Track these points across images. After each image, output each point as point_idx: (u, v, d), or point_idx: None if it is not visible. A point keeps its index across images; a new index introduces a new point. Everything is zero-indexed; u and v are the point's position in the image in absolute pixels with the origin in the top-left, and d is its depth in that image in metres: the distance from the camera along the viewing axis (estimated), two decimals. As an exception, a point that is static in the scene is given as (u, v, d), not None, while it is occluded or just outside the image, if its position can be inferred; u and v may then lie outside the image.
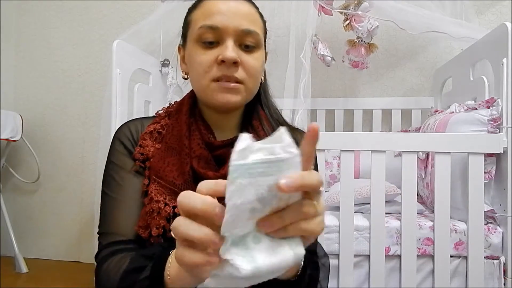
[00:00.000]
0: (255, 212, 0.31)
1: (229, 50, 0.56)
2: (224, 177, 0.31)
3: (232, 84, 0.58)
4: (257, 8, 0.64)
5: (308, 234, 0.33)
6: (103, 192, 0.61)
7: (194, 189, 0.34)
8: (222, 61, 0.56)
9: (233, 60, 0.56)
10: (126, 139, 0.63)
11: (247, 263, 0.30)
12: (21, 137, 1.97)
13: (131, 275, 0.48)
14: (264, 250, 0.31)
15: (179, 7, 1.50)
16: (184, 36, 0.65)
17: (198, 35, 0.59)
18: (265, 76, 0.70)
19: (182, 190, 0.37)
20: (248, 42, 0.59)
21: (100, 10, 2.18)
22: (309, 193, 0.33)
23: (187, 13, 0.65)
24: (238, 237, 0.32)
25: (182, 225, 0.33)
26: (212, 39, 0.58)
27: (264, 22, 0.65)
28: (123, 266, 0.50)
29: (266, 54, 0.67)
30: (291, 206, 0.32)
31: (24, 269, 1.91)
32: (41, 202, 2.20)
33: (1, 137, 1.82)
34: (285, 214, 0.32)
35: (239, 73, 0.58)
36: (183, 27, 0.66)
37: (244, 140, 0.30)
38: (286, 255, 0.32)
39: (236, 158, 0.29)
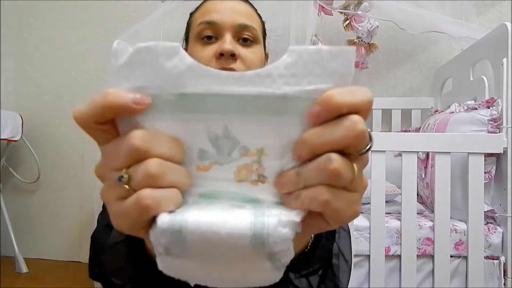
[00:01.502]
0: (206, 158, 0.24)
1: (227, 43, 0.57)
2: None
3: None
4: (255, 9, 0.66)
5: (330, 212, 0.23)
6: None
7: None
8: (221, 54, 0.57)
9: (230, 52, 0.57)
10: None
11: (167, 215, 0.22)
12: (21, 137, 1.96)
13: (103, 232, 0.45)
14: (209, 210, 0.23)
15: (179, 7, 1.50)
16: (186, 38, 0.67)
17: (197, 32, 0.60)
18: None
19: None
20: (245, 36, 0.60)
21: (100, 10, 2.18)
22: (348, 149, 0.22)
23: (189, 17, 0.67)
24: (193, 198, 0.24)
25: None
26: (211, 34, 0.59)
27: (263, 22, 0.67)
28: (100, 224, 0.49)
29: (267, 55, 0.69)
30: (315, 160, 0.23)
31: (24, 269, 1.91)
32: (41, 202, 2.20)
33: (1, 137, 1.82)
34: (304, 169, 0.23)
35: (237, 65, 0.59)
36: (185, 31, 0.67)
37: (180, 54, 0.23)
38: (237, 216, 0.22)
39: (174, 85, 0.23)
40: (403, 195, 1.16)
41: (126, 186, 0.23)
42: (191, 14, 0.67)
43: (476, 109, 1.25)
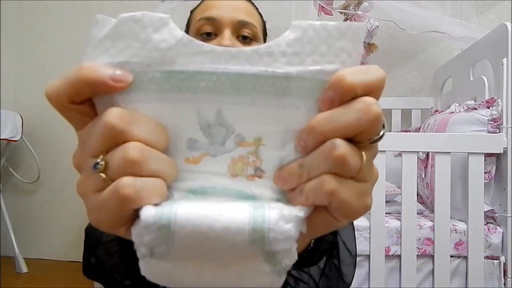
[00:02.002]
0: (196, 149, 0.21)
1: (225, 39, 0.57)
2: None
3: None
4: (256, 7, 0.66)
5: (337, 204, 0.20)
6: None
7: None
8: None
9: None
10: None
11: (152, 208, 0.19)
12: (21, 137, 1.96)
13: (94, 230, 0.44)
14: (201, 203, 0.20)
15: (179, 7, 1.50)
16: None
17: (196, 28, 0.60)
18: None
19: None
20: (245, 33, 0.60)
21: (100, 10, 2.18)
22: (359, 136, 0.21)
23: (190, 14, 0.67)
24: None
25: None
26: (210, 30, 0.59)
27: (264, 21, 0.67)
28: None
29: None
30: (318, 148, 0.20)
31: (24, 269, 1.91)
32: (41, 202, 2.20)
33: (1, 137, 1.82)
34: (306, 159, 0.21)
35: None
36: (185, 28, 0.67)
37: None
38: (235, 209, 0.20)
39: (161, 61, 0.20)
40: (403, 195, 1.16)
41: (103, 175, 0.20)
42: (192, 12, 0.66)
43: (476, 109, 1.25)
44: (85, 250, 0.46)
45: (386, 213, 1.19)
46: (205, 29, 0.59)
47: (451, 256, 1.14)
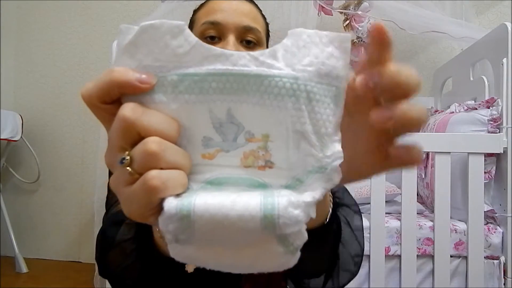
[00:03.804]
0: (211, 146, 0.24)
1: (230, 45, 0.57)
2: None
3: None
4: (260, 9, 0.65)
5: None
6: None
7: None
8: None
9: None
10: None
11: (174, 199, 0.22)
12: (21, 137, 1.96)
13: (110, 229, 0.45)
14: (216, 194, 0.22)
15: (179, 7, 1.50)
16: None
17: (200, 31, 0.60)
18: None
19: None
20: (249, 38, 0.60)
21: (100, 10, 2.18)
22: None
23: (192, 14, 0.66)
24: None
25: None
26: (214, 34, 0.59)
27: (267, 23, 0.66)
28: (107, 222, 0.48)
29: None
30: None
31: (24, 269, 1.91)
32: (41, 202, 2.20)
33: (1, 137, 1.82)
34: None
35: None
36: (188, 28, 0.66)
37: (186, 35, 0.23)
38: (247, 198, 0.22)
39: (178, 65, 0.22)
40: (403, 195, 1.16)
41: (129, 169, 0.22)
42: (195, 11, 0.66)
43: (476, 109, 1.25)
44: (101, 250, 0.47)
45: (386, 213, 1.19)
46: (209, 33, 0.59)
47: (451, 256, 1.15)
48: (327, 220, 0.40)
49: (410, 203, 1.15)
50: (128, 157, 0.22)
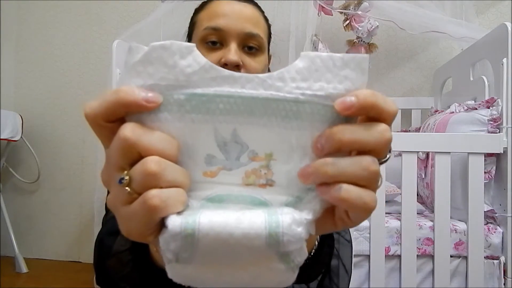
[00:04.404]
0: (213, 164, 0.24)
1: (232, 53, 0.57)
2: None
3: None
4: (262, 11, 0.64)
5: (358, 206, 0.23)
6: None
7: None
8: (225, 64, 0.56)
9: (235, 64, 0.56)
10: None
11: (178, 217, 0.22)
12: (21, 137, 1.96)
13: (107, 238, 0.44)
14: (220, 212, 0.22)
15: (179, 7, 1.50)
16: (190, 36, 0.66)
17: (202, 36, 0.59)
18: None
19: None
20: (251, 44, 0.59)
21: (100, 10, 2.18)
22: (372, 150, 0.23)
23: (194, 13, 0.66)
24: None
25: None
26: (216, 39, 0.59)
27: (269, 26, 0.66)
28: (103, 229, 0.47)
29: (270, 56, 0.68)
30: (357, 157, 0.23)
31: (24, 269, 1.91)
32: (41, 202, 2.20)
33: (1, 137, 1.82)
34: (341, 162, 0.23)
35: None
36: (189, 27, 0.66)
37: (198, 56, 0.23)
38: (251, 216, 0.22)
39: (185, 85, 0.23)
40: (403, 195, 1.16)
41: (128, 189, 0.22)
42: (196, 11, 0.65)
43: (476, 109, 1.25)
44: (98, 259, 0.47)
45: (386, 213, 1.19)
46: (210, 38, 0.59)
47: (451, 256, 1.15)
48: (316, 247, 0.40)
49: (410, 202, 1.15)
50: (127, 177, 0.22)
